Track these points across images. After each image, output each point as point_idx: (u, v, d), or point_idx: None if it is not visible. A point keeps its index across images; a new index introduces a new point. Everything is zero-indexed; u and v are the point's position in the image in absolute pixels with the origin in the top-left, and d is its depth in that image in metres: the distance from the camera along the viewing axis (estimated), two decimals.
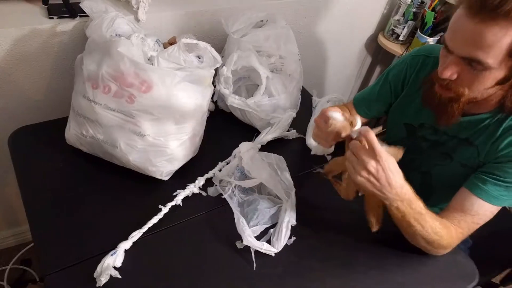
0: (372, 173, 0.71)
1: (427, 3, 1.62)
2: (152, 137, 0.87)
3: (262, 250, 0.81)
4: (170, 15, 1.20)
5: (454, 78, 0.74)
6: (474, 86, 0.73)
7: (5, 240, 1.55)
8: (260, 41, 1.14)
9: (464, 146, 0.88)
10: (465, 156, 0.88)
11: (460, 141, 0.88)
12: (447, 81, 0.75)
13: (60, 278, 0.74)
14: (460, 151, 0.89)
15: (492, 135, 0.82)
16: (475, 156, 0.86)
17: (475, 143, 0.85)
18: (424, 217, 0.77)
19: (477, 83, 0.72)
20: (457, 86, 0.75)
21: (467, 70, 0.72)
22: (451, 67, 0.73)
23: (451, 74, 0.73)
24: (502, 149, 0.81)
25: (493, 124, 0.82)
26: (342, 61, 1.88)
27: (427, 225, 0.78)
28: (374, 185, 0.72)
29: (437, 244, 0.81)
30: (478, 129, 0.84)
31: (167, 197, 0.90)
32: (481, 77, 0.71)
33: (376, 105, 1.05)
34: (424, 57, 0.94)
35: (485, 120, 0.83)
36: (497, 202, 0.80)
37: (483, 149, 0.84)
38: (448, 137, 0.90)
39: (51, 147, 0.97)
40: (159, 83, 0.84)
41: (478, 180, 0.82)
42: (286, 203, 0.89)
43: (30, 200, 0.86)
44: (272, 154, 0.98)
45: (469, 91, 0.74)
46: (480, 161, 0.85)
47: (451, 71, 0.73)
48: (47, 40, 1.05)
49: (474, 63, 0.69)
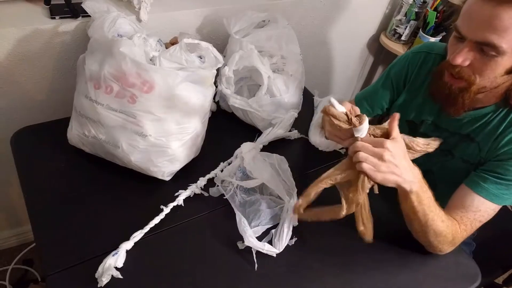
0: (391, 161, 0.70)
1: (429, 3, 1.62)
2: (154, 137, 0.87)
3: (264, 250, 0.81)
4: (171, 15, 1.20)
5: (466, 64, 0.74)
6: (485, 73, 0.73)
7: (7, 240, 1.55)
8: (262, 41, 1.14)
9: (466, 142, 0.88)
10: (466, 152, 0.88)
11: (461, 137, 0.88)
12: (458, 69, 0.75)
13: (62, 279, 0.74)
14: (461, 148, 0.89)
15: (494, 131, 0.82)
16: (477, 152, 0.86)
17: (477, 139, 0.85)
18: (436, 214, 0.77)
19: (489, 69, 0.73)
20: (468, 74, 0.75)
21: (479, 57, 0.72)
22: (463, 53, 0.73)
23: (463, 60, 0.73)
24: (503, 145, 0.81)
25: (495, 121, 0.82)
26: (344, 61, 1.88)
27: (440, 213, 0.78)
28: (395, 172, 0.71)
29: (442, 241, 0.81)
30: (479, 125, 0.85)
31: (168, 197, 0.90)
32: (493, 63, 0.71)
33: (378, 102, 1.05)
34: (426, 53, 0.94)
35: (487, 115, 0.83)
36: (498, 201, 0.80)
37: (485, 146, 0.84)
38: (450, 134, 0.90)
39: (53, 147, 0.98)
40: (161, 83, 0.84)
41: (479, 178, 0.82)
42: (288, 203, 0.88)
43: (32, 200, 0.86)
44: (274, 155, 0.98)
45: (480, 78, 0.75)
46: (481, 158, 0.85)
47: (463, 57, 0.73)
48: (49, 40, 1.06)
49: (487, 48, 0.70)
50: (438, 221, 0.78)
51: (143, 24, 1.13)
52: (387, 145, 0.70)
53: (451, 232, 0.80)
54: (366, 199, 0.75)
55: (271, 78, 1.11)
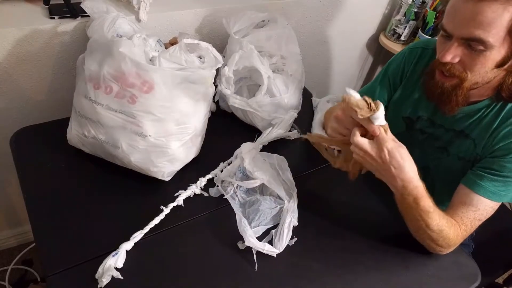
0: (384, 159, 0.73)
1: (429, 3, 1.62)
2: (154, 138, 0.87)
3: (264, 251, 0.81)
4: (171, 15, 1.20)
5: (456, 61, 0.75)
6: (475, 68, 0.74)
7: (6, 240, 1.55)
8: (262, 41, 1.14)
9: (460, 139, 0.88)
10: (461, 149, 0.88)
11: (456, 134, 0.89)
12: (448, 66, 0.76)
13: (62, 279, 0.74)
14: (456, 144, 0.89)
15: (489, 126, 0.83)
16: (472, 148, 0.86)
17: (471, 136, 0.86)
18: (431, 215, 0.77)
19: (479, 64, 0.73)
20: (459, 70, 0.76)
21: (467, 53, 0.73)
22: (451, 50, 0.74)
23: (452, 57, 0.74)
24: (498, 141, 0.81)
25: (489, 115, 0.83)
26: (343, 61, 1.88)
27: (434, 223, 0.78)
28: (386, 170, 0.74)
29: (441, 242, 0.81)
30: (473, 120, 0.85)
31: (168, 197, 0.90)
32: (482, 58, 0.72)
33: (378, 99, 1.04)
34: (422, 49, 0.95)
35: (481, 110, 0.84)
36: (496, 198, 0.80)
37: (480, 142, 0.84)
38: (445, 130, 0.91)
39: (53, 147, 0.97)
40: (160, 83, 0.84)
41: (476, 176, 0.82)
42: (288, 203, 0.88)
43: (31, 200, 0.86)
44: (274, 155, 0.98)
45: (471, 74, 0.75)
46: (477, 154, 0.85)
47: (452, 54, 0.74)
48: (49, 40, 1.05)
49: (475, 43, 0.70)
50: (433, 229, 0.78)
51: (143, 24, 1.13)
52: (386, 146, 0.71)
53: (452, 238, 0.80)
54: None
55: (271, 78, 1.11)
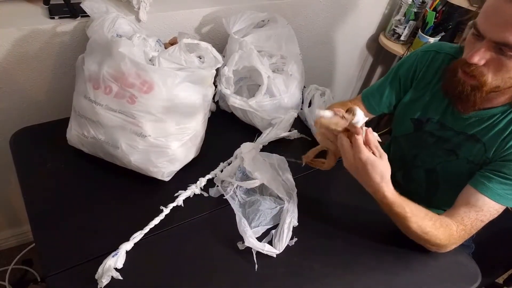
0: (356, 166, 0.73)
1: (428, 3, 1.62)
2: (153, 138, 0.87)
3: (264, 251, 0.81)
4: (171, 15, 1.19)
5: (482, 64, 0.73)
6: (500, 73, 0.73)
7: (6, 241, 1.55)
8: (262, 41, 1.14)
9: (471, 142, 0.87)
10: (471, 152, 0.88)
11: (466, 138, 0.88)
12: (472, 67, 0.75)
13: (62, 280, 0.74)
14: (466, 148, 0.89)
15: (501, 132, 0.82)
16: (482, 152, 0.86)
17: (482, 140, 0.85)
18: (410, 219, 0.77)
19: (504, 70, 0.72)
20: (481, 73, 0.75)
21: (496, 57, 0.72)
22: (480, 53, 0.72)
23: (479, 59, 0.73)
24: (510, 146, 0.81)
25: (503, 122, 0.82)
26: (343, 61, 1.88)
27: (414, 226, 0.78)
28: (358, 176, 0.75)
29: (430, 242, 0.81)
30: (486, 126, 0.84)
31: (168, 198, 0.89)
32: (509, 64, 0.71)
33: (386, 100, 1.04)
34: (435, 52, 0.94)
35: (495, 116, 0.83)
36: (503, 201, 0.80)
37: (491, 146, 0.84)
38: (455, 133, 0.90)
39: (53, 148, 0.97)
40: (160, 83, 0.83)
41: (484, 178, 0.81)
42: (288, 204, 0.88)
43: (31, 201, 0.86)
44: (274, 155, 0.98)
45: (493, 78, 0.74)
46: (487, 158, 0.85)
47: (480, 56, 0.72)
48: (48, 40, 1.05)
49: (506, 48, 0.69)
50: (415, 231, 0.79)
51: (142, 24, 1.13)
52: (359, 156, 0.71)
53: (441, 238, 0.80)
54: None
55: (270, 78, 1.11)
